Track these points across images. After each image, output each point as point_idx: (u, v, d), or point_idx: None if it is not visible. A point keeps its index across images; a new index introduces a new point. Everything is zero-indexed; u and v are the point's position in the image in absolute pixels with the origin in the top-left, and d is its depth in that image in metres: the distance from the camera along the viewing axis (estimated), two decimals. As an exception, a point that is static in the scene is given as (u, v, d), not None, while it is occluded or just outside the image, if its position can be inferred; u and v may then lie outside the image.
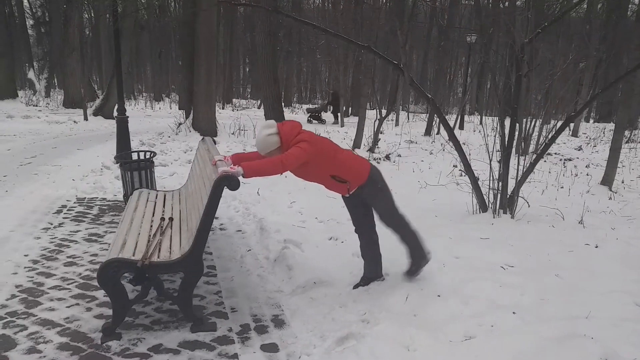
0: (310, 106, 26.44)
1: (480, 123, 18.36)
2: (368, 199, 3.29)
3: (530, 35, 5.08)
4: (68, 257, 4.03)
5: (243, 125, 13.07)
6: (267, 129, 3.04)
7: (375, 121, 10.85)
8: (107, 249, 3.98)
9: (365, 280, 3.49)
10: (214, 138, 9.78)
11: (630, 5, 21.97)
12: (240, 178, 2.75)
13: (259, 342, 2.79)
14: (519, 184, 5.34)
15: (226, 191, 2.73)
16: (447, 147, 10.25)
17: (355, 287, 3.46)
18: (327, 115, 19.31)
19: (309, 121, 18.90)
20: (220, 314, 3.12)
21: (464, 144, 6.89)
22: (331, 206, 5.30)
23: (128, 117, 7.59)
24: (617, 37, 19.21)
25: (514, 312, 2.95)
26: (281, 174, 2.99)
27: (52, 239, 4.46)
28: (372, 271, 3.51)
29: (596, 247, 4.37)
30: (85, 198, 5.97)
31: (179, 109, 18.63)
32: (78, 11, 20.97)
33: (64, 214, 5.27)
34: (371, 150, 10.19)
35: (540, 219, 5.23)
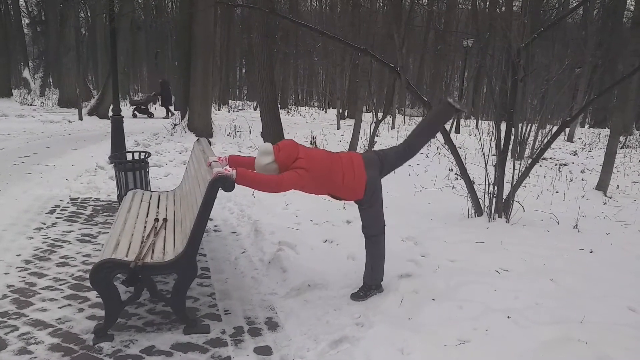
0: (136, 98, 22.44)
1: (477, 127, 18.45)
2: (359, 207, 3.31)
3: (526, 40, 5.10)
4: (61, 257, 4.00)
5: (239, 126, 13.05)
6: (264, 157, 3.01)
7: (371, 124, 10.85)
8: (100, 250, 3.95)
9: (364, 290, 3.34)
10: (210, 139, 9.75)
11: (625, 12, 22.13)
12: (233, 181, 2.75)
13: (252, 344, 2.77)
14: (515, 188, 5.34)
15: (221, 192, 2.72)
16: (443, 151, 10.29)
17: (355, 297, 3.32)
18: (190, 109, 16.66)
19: (134, 115, 16.86)
20: (213, 316, 3.10)
21: (459, 147, 6.88)
22: (326, 209, 5.29)
23: (123, 117, 7.58)
24: (612, 43, 19.32)
25: (508, 316, 2.95)
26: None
27: (45, 239, 4.42)
28: (368, 276, 3.38)
29: (591, 251, 4.38)
30: (78, 198, 5.93)
31: (175, 109, 18.59)
32: (74, 10, 20.91)
33: (57, 214, 5.23)
34: (367, 153, 10.19)
35: (535, 224, 5.24)
